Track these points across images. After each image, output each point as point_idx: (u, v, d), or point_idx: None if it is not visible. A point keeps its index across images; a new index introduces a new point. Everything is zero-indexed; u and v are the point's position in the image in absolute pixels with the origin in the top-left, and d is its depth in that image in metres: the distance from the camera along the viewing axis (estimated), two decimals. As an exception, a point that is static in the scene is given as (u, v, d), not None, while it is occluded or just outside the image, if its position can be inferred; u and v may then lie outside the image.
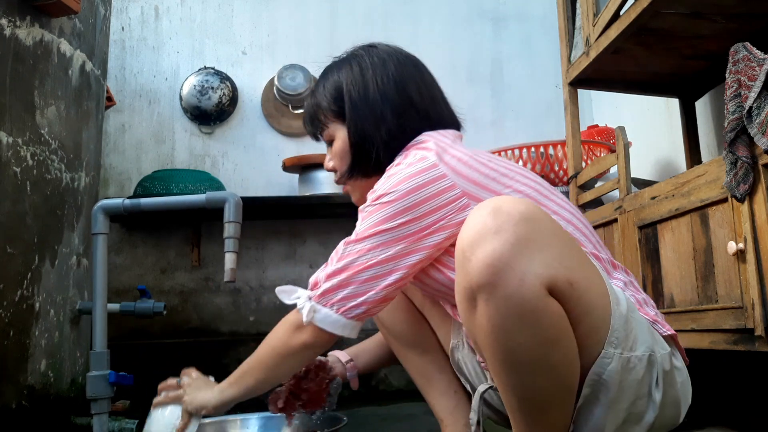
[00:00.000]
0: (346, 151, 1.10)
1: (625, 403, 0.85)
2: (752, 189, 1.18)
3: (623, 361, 0.83)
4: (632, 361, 0.83)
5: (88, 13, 1.82)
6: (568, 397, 0.83)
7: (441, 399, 1.17)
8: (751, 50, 1.18)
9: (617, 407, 0.84)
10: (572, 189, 2.05)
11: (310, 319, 0.97)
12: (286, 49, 3.02)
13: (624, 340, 0.83)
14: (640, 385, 0.85)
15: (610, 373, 0.82)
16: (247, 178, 2.92)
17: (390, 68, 1.09)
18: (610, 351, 0.83)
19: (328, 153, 1.16)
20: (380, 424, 1.88)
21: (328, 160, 1.16)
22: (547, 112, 3.06)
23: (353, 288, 0.95)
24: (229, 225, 1.22)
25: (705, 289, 1.35)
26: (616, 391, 0.83)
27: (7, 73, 1.43)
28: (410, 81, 1.09)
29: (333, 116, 1.11)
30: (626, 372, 0.83)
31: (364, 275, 0.95)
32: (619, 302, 0.85)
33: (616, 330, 0.83)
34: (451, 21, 3.14)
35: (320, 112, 1.13)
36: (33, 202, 1.52)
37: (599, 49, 1.80)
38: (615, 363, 0.83)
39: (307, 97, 1.18)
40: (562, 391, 0.82)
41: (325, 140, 1.16)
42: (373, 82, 1.08)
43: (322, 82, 1.15)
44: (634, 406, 0.85)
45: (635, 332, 0.85)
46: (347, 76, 1.10)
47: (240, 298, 2.80)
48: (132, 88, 2.93)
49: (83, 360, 1.81)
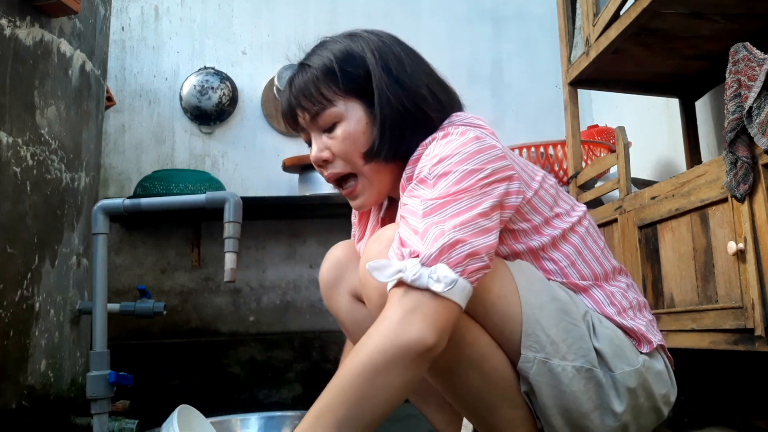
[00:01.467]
0: (363, 132, 0.94)
1: (575, 413, 0.86)
2: (752, 189, 1.18)
3: (549, 366, 0.84)
4: (566, 369, 0.85)
5: (88, 13, 1.82)
6: (507, 392, 0.86)
7: (437, 415, 1.17)
8: (751, 50, 1.18)
9: (569, 415, 0.86)
10: (572, 189, 2.05)
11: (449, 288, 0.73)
12: (286, 49, 3.01)
13: (548, 345, 0.85)
14: (590, 396, 0.86)
15: (535, 376, 0.84)
16: (247, 178, 2.92)
17: (402, 44, 0.99)
18: (530, 355, 0.84)
19: (319, 142, 0.97)
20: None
21: (320, 149, 0.97)
22: (547, 112, 3.06)
23: (470, 245, 0.77)
24: (229, 225, 1.22)
25: (705, 289, 1.35)
26: (558, 397, 0.85)
27: (7, 73, 1.43)
28: (423, 58, 1.01)
29: (345, 90, 0.94)
30: (555, 378, 0.84)
31: (473, 228, 0.78)
32: (543, 309, 0.86)
33: (532, 335, 0.84)
34: (451, 21, 3.14)
35: (326, 86, 0.94)
36: (33, 202, 1.52)
37: (599, 49, 1.80)
38: (537, 367, 0.84)
39: (294, 75, 0.98)
40: (495, 385, 0.86)
41: (320, 124, 0.96)
42: (397, 53, 0.95)
43: (321, 52, 0.97)
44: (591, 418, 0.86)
45: (570, 342, 0.86)
46: (367, 44, 0.95)
47: (240, 298, 2.80)
48: (132, 88, 2.93)
49: (83, 360, 1.81)
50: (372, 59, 0.94)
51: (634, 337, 0.94)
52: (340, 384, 0.73)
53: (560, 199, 0.99)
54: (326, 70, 0.94)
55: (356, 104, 0.95)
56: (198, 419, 1.16)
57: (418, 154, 0.93)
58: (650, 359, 0.93)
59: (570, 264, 0.95)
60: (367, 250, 0.87)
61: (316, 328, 2.78)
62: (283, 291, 2.83)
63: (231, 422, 1.40)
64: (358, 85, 0.94)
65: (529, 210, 0.92)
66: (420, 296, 0.73)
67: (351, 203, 1.03)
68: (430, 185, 0.82)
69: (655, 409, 0.93)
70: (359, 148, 0.95)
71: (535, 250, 0.93)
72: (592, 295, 0.95)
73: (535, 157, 2.30)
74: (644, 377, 0.90)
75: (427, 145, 0.92)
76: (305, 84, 0.95)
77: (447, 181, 0.82)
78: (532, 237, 0.93)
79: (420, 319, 0.72)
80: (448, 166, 0.83)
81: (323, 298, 1.17)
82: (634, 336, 0.94)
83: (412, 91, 0.94)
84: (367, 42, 0.96)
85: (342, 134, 0.95)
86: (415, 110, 0.94)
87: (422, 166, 0.86)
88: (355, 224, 1.21)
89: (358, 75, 0.94)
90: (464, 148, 0.84)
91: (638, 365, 0.90)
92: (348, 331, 1.16)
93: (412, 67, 0.96)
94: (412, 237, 0.78)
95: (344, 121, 0.95)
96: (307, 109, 0.96)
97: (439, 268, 0.74)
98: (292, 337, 2.60)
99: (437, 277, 0.73)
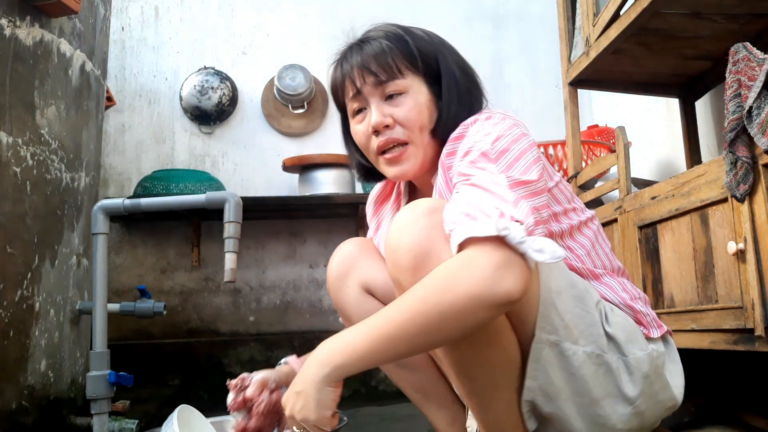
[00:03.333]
0: (427, 106, 1.01)
1: (586, 398, 0.88)
2: (752, 189, 1.18)
3: (560, 349, 0.87)
4: (577, 354, 0.87)
5: (88, 13, 1.82)
6: (512, 373, 0.88)
7: (439, 413, 1.17)
8: (751, 50, 1.18)
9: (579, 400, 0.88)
10: (572, 189, 2.05)
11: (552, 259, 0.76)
12: (286, 49, 3.02)
13: (561, 329, 0.87)
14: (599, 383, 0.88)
15: (547, 357, 0.87)
16: (247, 178, 2.92)
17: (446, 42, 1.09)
18: (543, 336, 0.87)
19: (380, 109, 1.00)
20: (380, 424, 1.88)
21: (384, 115, 1.00)
22: (547, 112, 3.07)
23: (543, 229, 0.87)
24: (229, 225, 1.22)
25: (705, 289, 1.35)
26: (567, 380, 0.87)
27: (7, 73, 1.43)
28: None
29: (412, 66, 1.01)
30: (565, 360, 0.87)
31: (543, 214, 0.87)
32: (561, 294, 0.89)
33: (547, 317, 0.87)
34: (451, 21, 3.14)
35: (401, 60, 1.00)
36: (33, 202, 1.52)
37: (599, 49, 1.80)
38: (549, 348, 0.87)
39: (367, 41, 1.04)
40: (502, 365, 0.87)
41: (384, 93, 1.01)
42: (448, 44, 1.07)
43: (385, 31, 1.05)
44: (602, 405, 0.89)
45: (582, 329, 0.89)
46: (426, 33, 1.07)
47: (240, 298, 2.80)
48: (132, 88, 2.93)
49: (83, 360, 1.81)
50: (440, 44, 1.05)
51: (645, 324, 0.97)
52: (417, 310, 0.77)
53: (574, 198, 1.05)
54: (401, 44, 1.02)
55: (421, 81, 1.02)
56: (198, 419, 1.16)
57: (459, 132, 0.97)
58: (658, 346, 0.96)
59: (586, 253, 1.00)
60: (398, 218, 0.89)
61: (316, 328, 2.79)
62: (283, 291, 2.83)
63: (231, 422, 1.40)
64: (426, 64, 1.02)
65: (550, 198, 0.97)
66: (513, 257, 0.76)
67: (391, 170, 1.04)
68: (493, 159, 0.87)
69: (669, 397, 0.95)
70: (422, 120, 1.01)
71: (554, 236, 0.98)
72: (607, 282, 1.00)
73: (535, 157, 2.30)
74: (656, 363, 0.93)
75: (469, 125, 0.96)
76: (379, 52, 1.01)
77: (508, 158, 0.87)
78: (551, 223, 0.98)
79: (513, 276, 0.76)
80: (505, 143, 0.88)
81: (329, 290, 1.17)
82: (645, 321, 0.97)
83: (470, 77, 1.05)
84: (425, 31, 1.07)
85: (409, 105, 1.00)
86: (470, 96, 1.03)
87: (476, 141, 0.90)
88: (370, 218, 1.23)
89: (428, 55, 1.02)
90: (512, 130, 0.91)
91: (649, 350, 0.93)
92: (353, 324, 1.15)
93: (462, 58, 1.07)
94: (504, 203, 0.80)
95: (410, 93, 1.01)
96: (378, 75, 1.00)
97: (541, 240, 0.77)
98: (292, 337, 2.60)
99: (539, 247, 0.76)
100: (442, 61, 1.03)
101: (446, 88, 1.02)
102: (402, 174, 1.03)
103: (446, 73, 1.02)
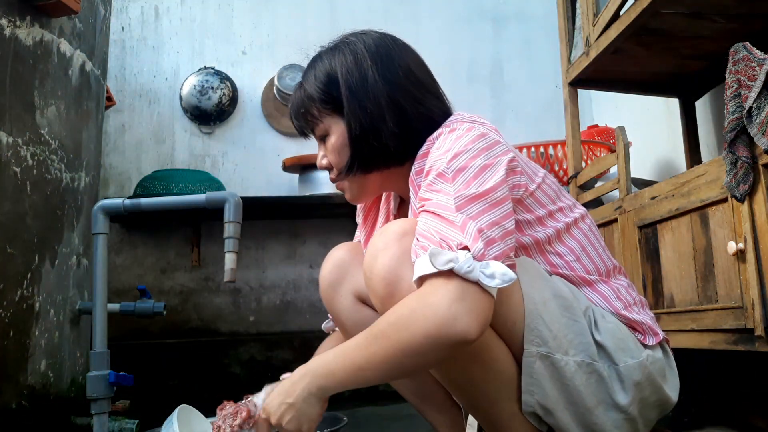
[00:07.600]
0: (345, 145, 1.01)
1: (580, 407, 0.88)
2: (752, 189, 1.18)
3: (552, 360, 0.86)
4: (569, 364, 0.87)
5: (88, 13, 1.82)
6: (509, 385, 0.87)
7: (438, 416, 1.16)
8: (751, 50, 1.18)
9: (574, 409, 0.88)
10: (572, 189, 2.05)
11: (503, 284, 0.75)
12: (286, 49, 3.02)
13: (550, 340, 0.87)
14: (592, 391, 0.88)
15: (539, 370, 0.86)
16: (247, 178, 2.92)
17: (389, 52, 1.02)
18: (533, 349, 0.86)
19: (321, 149, 1.06)
20: (380, 424, 1.88)
21: (321, 157, 1.06)
22: (547, 112, 3.06)
23: (504, 242, 0.81)
24: (229, 225, 1.22)
25: (705, 289, 1.35)
26: (562, 390, 0.87)
27: (7, 73, 1.43)
28: (412, 63, 1.03)
29: (327, 109, 1.02)
30: (558, 372, 0.86)
31: (501, 230, 0.82)
32: (546, 304, 0.88)
33: (535, 330, 0.86)
34: (451, 21, 3.14)
35: (312, 106, 1.03)
36: (33, 202, 1.52)
37: (599, 49, 1.80)
38: (540, 361, 0.86)
39: (295, 90, 1.08)
40: (496, 378, 0.87)
41: (317, 136, 1.06)
42: (372, 69, 0.99)
43: (311, 72, 1.05)
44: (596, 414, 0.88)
45: (571, 338, 0.88)
46: (341, 64, 1.01)
47: (240, 298, 2.80)
48: (132, 88, 2.93)
49: (83, 360, 1.81)
50: (344, 78, 0.99)
51: (640, 330, 0.96)
52: (379, 345, 0.79)
53: (562, 195, 1.02)
54: (312, 90, 1.03)
55: (337, 120, 1.02)
56: (198, 419, 1.15)
57: (425, 149, 0.96)
58: (655, 352, 0.95)
59: (575, 259, 0.97)
60: (372, 243, 0.88)
61: (316, 328, 2.77)
62: (283, 291, 2.83)
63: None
64: (337, 104, 1.01)
65: (532, 202, 0.95)
66: (467, 287, 0.75)
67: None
68: (449, 179, 0.85)
69: (661, 402, 0.94)
70: (341, 161, 1.03)
71: (541, 243, 0.96)
72: (600, 290, 0.97)
73: (535, 157, 2.30)
74: (649, 370, 0.92)
75: (434, 140, 0.95)
76: (298, 104, 1.06)
77: (465, 176, 0.84)
78: (537, 229, 0.96)
79: (467, 311, 0.75)
80: (464, 160, 0.86)
81: (323, 299, 1.16)
82: (641, 329, 0.96)
83: (382, 107, 0.98)
84: (344, 56, 1.01)
85: (330, 147, 1.04)
86: (388, 125, 0.98)
87: (435, 160, 0.89)
88: (360, 225, 1.21)
89: (337, 94, 1.01)
90: (474, 144, 0.88)
91: (642, 358, 0.92)
92: (348, 333, 1.13)
93: (391, 78, 0.99)
94: (450, 230, 0.79)
95: (331, 135, 1.03)
96: (302, 126, 1.08)
97: (492, 265, 0.76)
98: (292, 337, 2.60)
99: (491, 272, 0.75)
100: (343, 92, 0.99)
101: (347, 128, 1.00)
102: (352, 200, 1.09)
103: (345, 115, 1.00)
